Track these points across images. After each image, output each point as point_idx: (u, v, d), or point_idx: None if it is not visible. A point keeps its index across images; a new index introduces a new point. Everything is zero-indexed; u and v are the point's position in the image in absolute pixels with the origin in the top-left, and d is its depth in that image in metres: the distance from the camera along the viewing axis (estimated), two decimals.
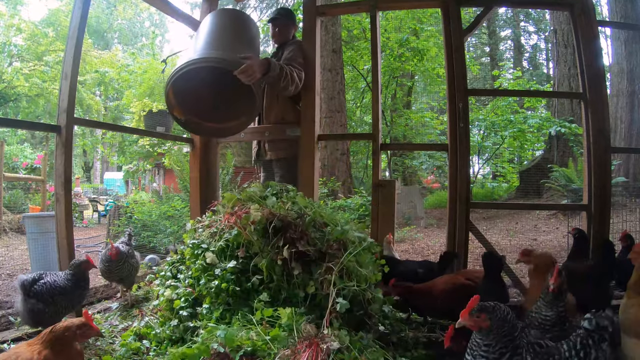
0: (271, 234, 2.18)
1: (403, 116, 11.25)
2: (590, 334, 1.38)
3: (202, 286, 2.19)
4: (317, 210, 2.32)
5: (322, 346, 1.63)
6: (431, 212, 9.38)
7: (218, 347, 1.66)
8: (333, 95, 8.67)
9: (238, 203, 2.49)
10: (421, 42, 9.65)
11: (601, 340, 1.36)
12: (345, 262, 2.08)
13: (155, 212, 6.34)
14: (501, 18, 20.10)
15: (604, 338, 1.36)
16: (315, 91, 3.48)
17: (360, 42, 10.40)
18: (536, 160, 10.06)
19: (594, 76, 3.12)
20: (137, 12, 30.94)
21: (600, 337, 1.36)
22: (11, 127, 14.10)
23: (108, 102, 19.87)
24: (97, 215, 11.66)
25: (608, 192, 3.06)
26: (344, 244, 2.19)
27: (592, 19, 3.15)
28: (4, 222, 7.37)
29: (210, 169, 4.01)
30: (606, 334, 1.36)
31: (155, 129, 4.14)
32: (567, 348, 1.38)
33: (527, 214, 7.68)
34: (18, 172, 10.90)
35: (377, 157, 3.43)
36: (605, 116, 3.12)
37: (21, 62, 15.10)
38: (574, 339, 1.40)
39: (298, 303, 2.06)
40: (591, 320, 1.40)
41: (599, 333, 1.37)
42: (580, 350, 1.35)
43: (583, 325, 1.40)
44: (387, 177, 11.09)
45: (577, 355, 1.34)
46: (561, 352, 1.36)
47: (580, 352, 1.35)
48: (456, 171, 3.19)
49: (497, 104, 9.70)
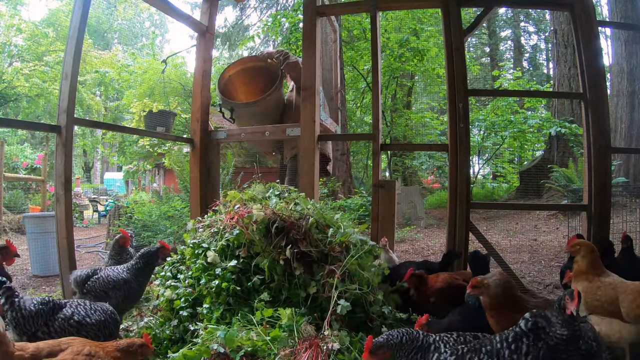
0: (273, 234, 2.18)
1: (403, 116, 11.25)
2: (525, 334, 1.36)
3: (202, 286, 2.19)
4: (319, 212, 2.33)
5: (323, 346, 1.63)
6: (431, 213, 9.38)
7: (218, 348, 1.66)
8: (333, 96, 8.67)
9: (240, 203, 2.50)
10: (421, 42, 9.64)
11: (537, 340, 1.35)
12: (347, 265, 2.09)
13: (155, 212, 6.34)
14: (501, 18, 20.09)
15: (539, 337, 1.35)
16: (315, 91, 3.48)
17: (360, 42, 10.39)
18: (536, 161, 10.05)
19: (594, 76, 3.12)
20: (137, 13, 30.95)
21: (535, 337, 1.35)
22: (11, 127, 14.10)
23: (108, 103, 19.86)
24: (97, 216, 11.66)
25: (608, 192, 3.07)
26: (346, 247, 2.20)
27: (592, 19, 3.15)
28: (4, 222, 7.37)
29: (210, 169, 4.01)
30: (543, 334, 1.35)
31: (155, 129, 4.14)
32: (499, 339, 1.39)
33: (527, 214, 7.68)
34: (18, 172, 10.90)
35: (377, 158, 3.44)
36: (605, 116, 3.12)
37: (21, 62, 15.10)
38: (507, 332, 1.40)
39: (299, 303, 2.06)
40: (527, 321, 1.38)
41: (536, 333, 1.35)
42: (512, 343, 1.35)
43: (519, 325, 1.39)
44: (387, 177, 11.09)
45: (509, 347, 1.34)
46: (493, 343, 1.39)
47: (512, 344, 1.35)
48: (456, 171, 3.19)
49: (497, 104, 9.69)
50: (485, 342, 1.41)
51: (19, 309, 1.72)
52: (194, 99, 4.12)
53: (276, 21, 9.84)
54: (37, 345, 1.44)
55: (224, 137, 4.09)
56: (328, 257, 2.16)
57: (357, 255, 2.14)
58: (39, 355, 1.40)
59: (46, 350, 1.43)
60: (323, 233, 2.25)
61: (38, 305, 1.78)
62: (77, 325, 1.79)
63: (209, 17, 4.10)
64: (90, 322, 1.83)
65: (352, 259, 2.12)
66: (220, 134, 4.11)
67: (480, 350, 1.37)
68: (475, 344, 1.41)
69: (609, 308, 1.91)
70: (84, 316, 1.83)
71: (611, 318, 1.90)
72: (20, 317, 1.71)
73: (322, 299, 2.03)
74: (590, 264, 2.08)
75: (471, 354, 1.36)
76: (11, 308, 1.71)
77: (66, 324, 1.78)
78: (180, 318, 2.17)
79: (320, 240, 2.19)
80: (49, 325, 1.76)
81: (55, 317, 1.79)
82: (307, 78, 3.50)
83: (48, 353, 1.42)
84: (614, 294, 1.92)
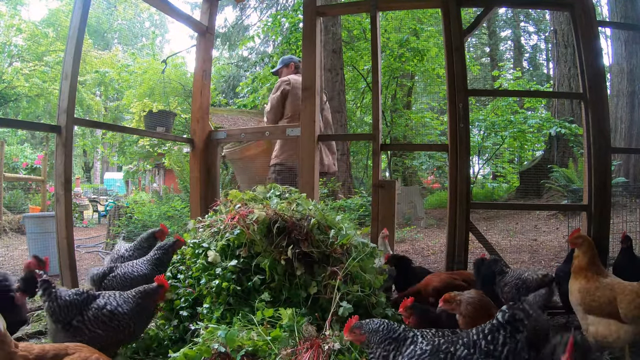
0: (275, 234, 2.18)
1: (403, 116, 11.25)
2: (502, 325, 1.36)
3: (202, 286, 2.19)
4: (321, 213, 2.33)
5: (324, 346, 1.64)
6: (431, 213, 9.38)
7: (219, 347, 1.66)
8: (333, 96, 8.67)
9: (241, 203, 2.50)
10: (421, 42, 9.65)
11: (515, 332, 1.34)
12: (349, 267, 2.09)
13: (155, 213, 6.34)
14: (501, 18, 20.09)
15: (518, 329, 1.34)
16: (315, 91, 3.48)
17: (360, 42, 10.40)
18: (536, 161, 10.05)
19: (594, 76, 3.12)
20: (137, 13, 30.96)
21: (513, 329, 1.35)
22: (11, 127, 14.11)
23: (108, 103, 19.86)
24: (97, 216, 11.67)
25: (608, 192, 3.06)
26: (347, 249, 2.21)
27: (592, 19, 3.15)
28: (4, 222, 7.37)
29: (211, 169, 4.01)
30: (521, 326, 1.35)
31: (155, 129, 4.15)
32: (476, 331, 1.40)
33: (527, 214, 7.68)
34: (18, 172, 10.91)
35: (377, 158, 3.43)
36: (605, 116, 3.12)
37: (21, 63, 15.11)
38: (484, 325, 1.41)
39: (299, 303, 2.06)
40: (505, 313, 1.38)
41: (514, 325, 1.35)
42: (488, 334, 1.35)
43: (497, 317, 1.39)
44: (387, 177, 11.09)
45: (485, 338, 1.35)
46: (470, 334, 1.40)
47: (488, 335, 1.35)
48: (456, 171, 3.19)
49: (497, 104, 9.70)
50: (463, 334, 1.43)
51: (55, 298, 1.83)
52: (194, 99, 4.12)
53: (276, 21, 9.84)
54: (43, 347, 1.45)
55: (224, 137, 4.09)
56: (329, 258, 2.16)
57: (359, 258, 2.15)
58: (44, 357, 1.40)
59: (52, 352, 1.42)
60: (324, 234, 2.25)
61: (73, 295, 1.88)
62: (110, 315, 1.88)
63: (209, 17, 4.10)
64: (122, 312, 1.90)
65: (353, 261, 2.12)
66: (220, 134, 4.11)
67: (457, 342, 1.39)
68: (453, 337, 1.43)
69: (607, 309, 1.91)
70: (116, 306, 1.91)
71: (609, 319, 1.91)
72: (56, 306, 1.82)
73: (324, 300, 2.03)
74: (590, 261, 2.10)
75: (447, 345, 1.38)
76: (48, 298, 1.82)
77: (99, 312, 1.87)
78: (181, 318, 2.17)
79: (321, 241, 2.20)
80: (82, 314, 1.86)
81: (89, 307, 1.88)
82: (307, 78, 3.50)
83: (54, 355, 1.42)
84: (612, 295, 1.92)
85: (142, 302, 1.97)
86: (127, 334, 1.92)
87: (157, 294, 2.02)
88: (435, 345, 1.38)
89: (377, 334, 1.49)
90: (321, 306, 2.06)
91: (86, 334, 1.82)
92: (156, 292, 2.01)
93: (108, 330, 1.86)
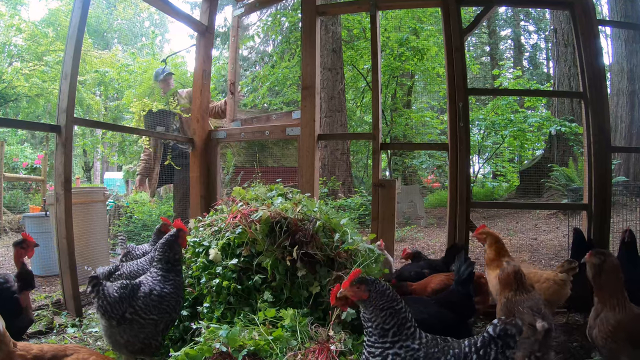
0: (277, 233, 2.18)
1: (403, 116, 11.24)
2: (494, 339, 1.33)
3: (202, 285, 2.19)
4: (326, 215, 2.33)
5: (333, 348, 1.65)
6: (431, 212, 9.38)
7: (220, 347, 1.66)
8: (333, 95, 8.67)
9: (243, 202, 2.51)
10: (421, 41, 9.64)
11: (506, 347, 1.31)
12: None
13: (155, 212, 6.34)
14: (501, 17, 20.06)
15: (509, 345, 1.30)
16: (315, 90, 3.48)
17: (360, 41, 10.38)
18: (536, 160, 10.04)
19: (594, 75, 3.12)
20: (137, 12, 30.90)
21: (504, 344, 1.31)
22: (11, 127, 14.09)
23: (108, 102, 19.81)
24: None
25: (608, 191, 3.06)
26: (352, 254, 2.21)
27: (592, 18, 3.14)
28: (4, 222, 7.37)
29: (211, 168, 4.02)
30: (512, 342, 1.30)
31: (155, 128, 4.15)
32: (468, 344, 1.36)
33: (528, 214, 7.68)
34: (18, 172, 10.90)
35: (377, 157, 3.43)
36: (605, 115, 3.12)
37: (21, 62, 15.08)
38: (475, 338, 1.37)
39: (300, 303, 2.06)
40: (496, 326, 1.34)
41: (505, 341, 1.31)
42: (480, 349, 1.32)
43: (487, 330, 1.35)
44: (387, 176, 11.09)
45: (477, 352, 1.32)
46: (462, 346, 1.36)
47: (480, 350, 1.32)
48: (456, 170, 3.19)
49: (497, 103, 9.68)
50: (454, 345, 1.38)
51: (104, 296, 1.81)
52: (194, 98, 4.12)
53: (276, 20, 9.84)
54: (42, 347, 1.45)
55: (224, 136, 4.09)
56: (334, 262, 2.16)
57: (365, 264, 2.15)
58: (43, 357, 1.40)
59: (50, 353, 1.43)
60: (329, 237, 2.26)
61: (119, 290, 1.87)
62: (158, 298, 1.90)
63: (208, 16, 4.10)
64: (169, 292, 1.94)
65: (359, 267, 2.12)
66: (220, 133, 4.11)
67: (447, 352, 1.34)
68: (444, 345, 1.37)
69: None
70: (162, 288, 1.94)
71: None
72: (107, 304, 1.81)
73: (327, 303, 2.03)
74: (497, 252, 2.44)
75: (439, 355, 1.34)
76: (97, 296, 1.81)
77: (148, 299, 1.89)
78: (181, 317, 2.17)
79: (326, 245, 2.20)
80: (133, 305, 1.86)
81: (137, 297, 1.88)
82: (307, 77, 3.50)
83: (52, 356, 1.42)
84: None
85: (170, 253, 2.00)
86: (177, 312, 1.97)
87: (179, 238, 2.04)
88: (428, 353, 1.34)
89: (382, 297, 1.38)
90: (324, 309, 2.06)
91: (142, 323, 1.84)
92: (177, 236, 2.04)
93: (162, 313, 1.89)
